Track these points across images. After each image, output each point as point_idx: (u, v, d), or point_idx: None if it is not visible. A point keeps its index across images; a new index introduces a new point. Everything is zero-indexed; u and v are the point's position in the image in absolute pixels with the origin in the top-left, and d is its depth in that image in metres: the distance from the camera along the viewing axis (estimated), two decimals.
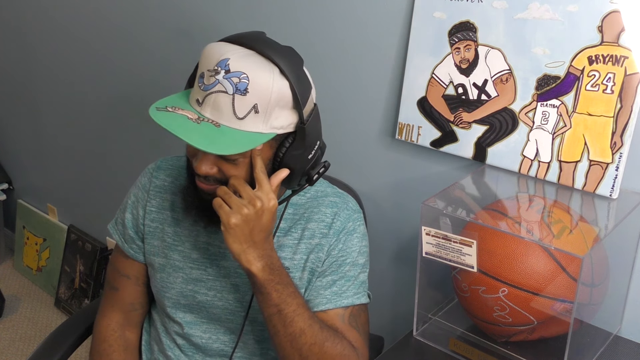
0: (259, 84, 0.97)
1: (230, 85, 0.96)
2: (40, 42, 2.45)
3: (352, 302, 1.13)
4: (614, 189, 1.17)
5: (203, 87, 0.98)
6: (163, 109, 0.99)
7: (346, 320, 1.12)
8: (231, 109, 0.97)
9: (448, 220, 1.12)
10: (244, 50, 1.00)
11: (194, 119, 0.97)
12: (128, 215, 1.23)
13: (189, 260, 1.17)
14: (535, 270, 1.06)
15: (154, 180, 1.21)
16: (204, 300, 1.17)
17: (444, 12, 1.31)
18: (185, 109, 0.99)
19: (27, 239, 2.81)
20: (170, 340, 1.23)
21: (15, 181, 2.91)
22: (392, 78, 1.45)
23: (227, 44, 1.02)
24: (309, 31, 1.57)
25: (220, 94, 0.97)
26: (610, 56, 1.13)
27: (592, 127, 1.18)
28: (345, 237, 1.14)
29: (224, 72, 0.97)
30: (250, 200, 1.00)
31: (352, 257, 1.14)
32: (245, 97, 0.96)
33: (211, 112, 0.98)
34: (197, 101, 1.00)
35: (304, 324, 1.04)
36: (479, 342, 1.18)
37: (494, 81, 1.28)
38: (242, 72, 0.96)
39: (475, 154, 1.33)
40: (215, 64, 0.97)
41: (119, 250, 1.27)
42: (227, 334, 1.20)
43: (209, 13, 1.79)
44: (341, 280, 1.13)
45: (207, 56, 1.00)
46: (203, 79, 0.99)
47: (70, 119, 2.46)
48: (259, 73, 0.97)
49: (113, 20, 2.11)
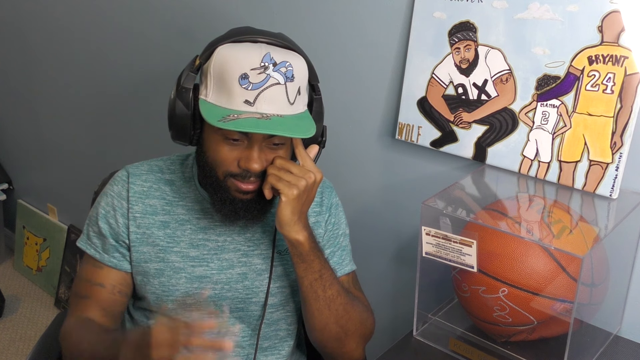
0: (299, 68, 1.05)
1: (281, 76, 1.02)
2: (41, 42, 2.45)
3: (351, 268, 1.25)
4: (614, 189, 1.17)
5: (252, 87, 1.01)
6: (224, 119, 1.00)
7: (351, 285, 1.25)
8: (285, 97, 1.03)
9: (448, 220, 1.12)
10: (264, 44, 1.05)
11: (260, 117, 1.01)
12: (104, 225, 1.19)
13: (189, 259, 1.17)
14: (535, 270, 1.06)
15: (132, 187, 1.18)
16: (212, 294, 1.18)
17: (444, 12, 1.31)
18: (244, 114, 1.01)
19: (27, 239, 2.81)
20: None
21: (15, 181, 2.91)
22: (392, 78, 1.45)
23: (242, 44, 1.05)
24: (309, 31, 1.57)
25: (274, 87, 1.02)
26: (610, 56, 1.13)
27: (592, 127, 1.18)
28: (335, 211, 1.25)
29: (272, 66, 1.02)
30: (303, 174, 1.06)
31: (342, 229, 1.26)
32: (293, 83, 1.04)
33: (268, 107, 1.02)
34: (246, 102, 1.02)
35: (338, 285, 1.15)
36: (479, 342, 1.18)
37: (494, 81, 1.28)
38: (286, 60, 1.03)
39: (475, 154, 1.33)
40: (260, 61, 1.01)
41: (89, 263, 1.20)
42: (235, 325, 1.20)
43: (209, 13, 1.79)
44: (339, 251, 1.24)
45: (237, 58, 1.02)
46: (247, 79, 1.01)
47: (70, 119, 2.46)
48: (294, 59, 1.05)
49: (114, 21, 2.11)
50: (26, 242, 2.81)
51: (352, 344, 1.18)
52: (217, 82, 1.04)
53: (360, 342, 1.20)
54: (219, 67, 1.03)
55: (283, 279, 1.20)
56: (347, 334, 1.17)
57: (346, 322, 1.16)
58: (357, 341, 1.19)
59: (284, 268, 1.20)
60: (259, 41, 1.06)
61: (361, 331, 1.19)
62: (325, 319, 1.14)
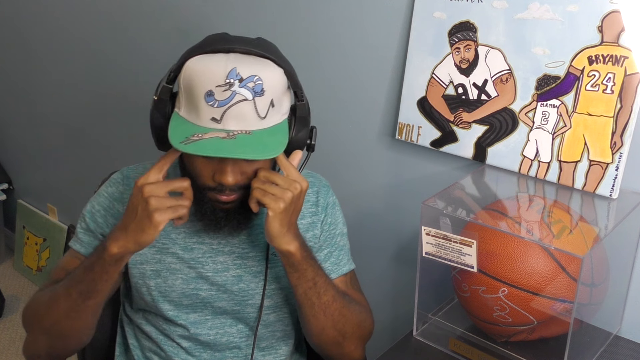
0: (271, 79, 1.00)
1: (249, 92, 0.98)
2: (41, 43, 2.45)
3: (349, 268, 1.24)
4: (614, 189, 1.17)
5: (217, 104, 0.97)
6: (187, 141, 0.97)
7: (349, 285, 1.24)
8: (255, 113, 0.99)
9: (448, 220, 1.12)
10: (232, 55, 1.00)
11: (225, 136, 0.97)
12: (92, 223, 1.20)
13: (183, 260, 1.17)
14: (535, 270, 1.06)
15: (128, 189, 1.19)
16: (208, 296, 1.18)
17: (444, 12, 1.31)
18: (209, 132, 0.98)
19: (27, 239, 2.81)
20: (174, 346, 1.22)
21: (15, 181, 2.91)
22: (392, 78, 1.45)
23: (213, 55, 1.00)
24: (309, 31, 1.57)
25: (241, 103, 0.98)
26: (610, 56, 1.13)
27: (592, 127, 1.18)
28: (331, 211, 1.24)
29: (238, 82, 0.97)
30: (289, 185, 1.03)
31: (340, 228, 1.25)
32: (263, 97, 0.99)
33: (236, 123, 0.99)
34: (213, 120, 0.99)
35: (333, 290, 1.13)
36: (479, 342, 1.18)
37: (494, 81, 1.28)
38: (254, 74, 0.98)
39: (475, 154, 1.33)
40: (225, 77, 0.97)
41: (73, 256, 1.20)
42: (233, 325, 1.21)
43: (209, 13, 1.78)
44: (336, 251, 1.23)
45: (203, 73, 0.98)
46: (213, 96, 0.97)
47: (70, 119, 2.47)
48: (265, 70, 1.00)
49: (114, 21, 2.11)
50: (26, 242, 2.81)
51: (350, 346, 1.18)
52: (186, 97, 1.01)
53: (359, 343, 1.20)
54: (187, 82, 1.00)
55: (279, 280, 1.20)
56: (345, 337, 1.16)
57: (343, 326, 1.15)
58: (356, 343, 1.19)
59: (279, 270, 1.19)
60: (232, 51, 1.01)
61: (359, 333, 1.19)
62: (322, 324, 1.14)
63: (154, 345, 1.24)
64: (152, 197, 1.00)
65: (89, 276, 1.08)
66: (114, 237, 1.04)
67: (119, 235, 1.03)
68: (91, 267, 1.08)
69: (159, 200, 1.00)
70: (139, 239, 1.01)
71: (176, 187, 1.03)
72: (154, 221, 0.99)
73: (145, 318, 1.24)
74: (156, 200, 1.00)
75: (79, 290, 1.09)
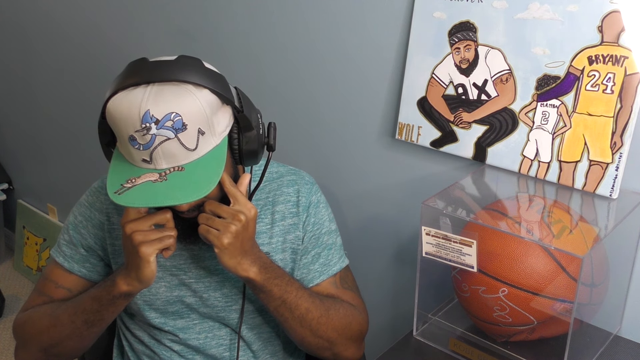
0: (189, 111, 0.94)
1: (169, 130, 0.93)
2: (41, 42, 2.46)
3: (339, 267, 1.23)
4: (614, 189, 1.17)
5: (142, 147, 0.94)
6: (121, 189, 0.94)
7: (339, 284, 1.22)
8: (182, 148, 0.95)
9: (448, 220, 1.12)
10: (149, 88, 0.94)
11: (157, 178, 0.95)
12: (75, 235, 1.20)
13: (166, 268, 1.17)
14: (535, 270, 1.06)
15: (107, 198, 1.19)
16: (192, 302, 1.18)
17: (444, 12, 1.31)
18: (141, 175, 0.95)
19: (27, 239, 2.81)
20: (165, 350, 1.23)
21: (15, 181, 2.91)
22: (392, 78, 1.45)
23: (126, 93, 0.95)
24: (310, 31, 1.57)
25: (164, 143, 0.94)
26: (610, 56, 1.13)
27: (592, 127, 1.18)
28: (314, 210, 1.21)
29: (154, 125, 0.92)
30: (233, 216, 1.01)
31: (326, 227, 1.22)
32: (187, 131, 0.94)
33: (167, 162, 0.95)
34: (144, 161, 0.96)
35: (307, 303, 1.11)
36: (479, 342, 1.18)
37: (494, 81, 1.28)
38: (169, 112, 0.93)
39: (475, 154, 1.33)
40: (140, 122, 0.92)
41: (58, 267, 1.21)
42: (221, 328, 1.21)
43: (209, 13, 1.79)
44: (324, 252, 1.21)
45: (120, 119, 0.94)
46: (136, 140, 0.94)
47: (70, 119, 2.47)
48: (183, 102, 0.94)
49: (114, 21, 2.11)
50: (26, 242, 2.81)
51: (339, 347, 1.17)
52: (118, 137, 0.99)
53: (349, 344, 1.19)
54: (113, 126, 0.97)
55: None
56: (330, 342, 1.15)
57: (324, 333, 1.14)
58: (345, 344, 1.18)
59: None
60: (151, 81, 0.94)
61: (348, 334, 1.17)
62: (300, 334, 1.13)
63: (147, 349, 1.25)
64: (135, 232, 0.99)
65: (96, 307, 1.09)
66: (123, 275, 1.04)
67: (125, 273, 1.04)
68: (99, 299, 1.08)
69: (143, 234, 0.99)
70: (140, 277, 1.01)
71: (158, 220, 1.02)
72: (142, 255, 0.99)
73: (137, 324, 1.26)
74: (140, 234, 0.99)
75: (84, 318, 1.10)
